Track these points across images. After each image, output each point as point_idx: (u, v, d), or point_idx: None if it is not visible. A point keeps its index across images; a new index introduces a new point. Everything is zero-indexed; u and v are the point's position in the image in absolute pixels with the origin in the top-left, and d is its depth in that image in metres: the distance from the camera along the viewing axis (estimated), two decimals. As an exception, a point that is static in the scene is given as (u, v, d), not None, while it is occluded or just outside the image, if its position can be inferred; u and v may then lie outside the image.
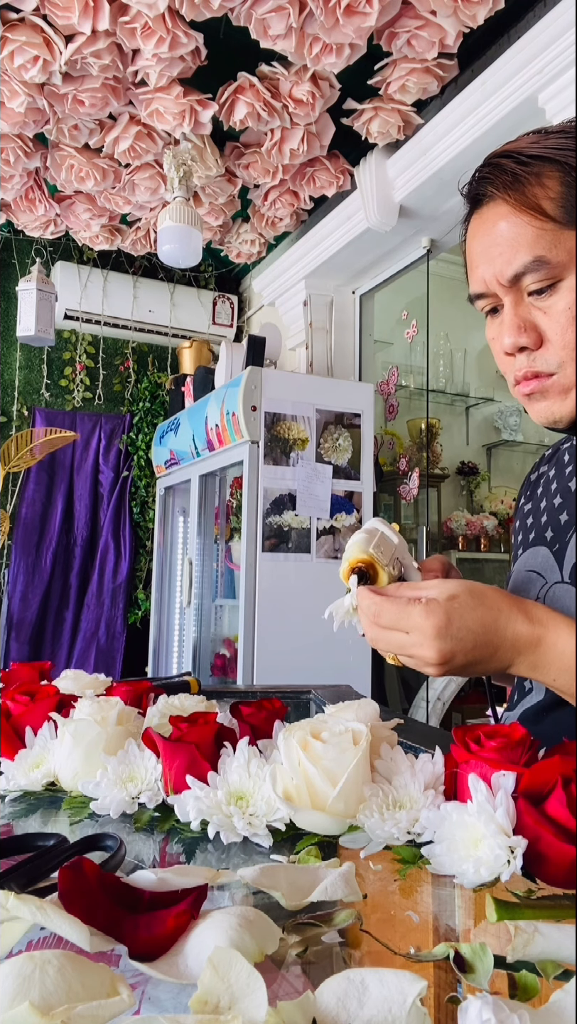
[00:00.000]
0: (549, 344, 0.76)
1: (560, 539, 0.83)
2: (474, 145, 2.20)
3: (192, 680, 1.03)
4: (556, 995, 0.32)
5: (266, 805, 0.56)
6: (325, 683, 1.29)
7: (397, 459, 3.37)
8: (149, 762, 0.63)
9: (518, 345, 0.77)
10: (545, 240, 0.73)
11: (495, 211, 0.76)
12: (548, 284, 0.74)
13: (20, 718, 0.73)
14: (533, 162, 0.74)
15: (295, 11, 1.88)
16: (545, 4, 1.92)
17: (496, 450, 4.19)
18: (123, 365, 3.87)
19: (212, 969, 0.31)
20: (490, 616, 0.65)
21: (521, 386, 0.79)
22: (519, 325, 0.76)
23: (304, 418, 2.70)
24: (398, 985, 0.30)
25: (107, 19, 1.92)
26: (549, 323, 0.75)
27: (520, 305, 0.77)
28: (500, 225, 0.76)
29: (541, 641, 0.65)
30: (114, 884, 0.40)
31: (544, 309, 0.75)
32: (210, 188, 2.81)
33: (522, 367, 0.78)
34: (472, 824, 0.47)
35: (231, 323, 3.97)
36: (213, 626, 3.20)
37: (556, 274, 0.74)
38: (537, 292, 0.75)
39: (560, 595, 0.80)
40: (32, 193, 2.92)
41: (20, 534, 3.57)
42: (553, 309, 0.75)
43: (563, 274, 0.74)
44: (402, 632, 0.66)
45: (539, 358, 0.77)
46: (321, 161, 2.64)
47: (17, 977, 0.30)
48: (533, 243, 0.73)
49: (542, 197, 0.73)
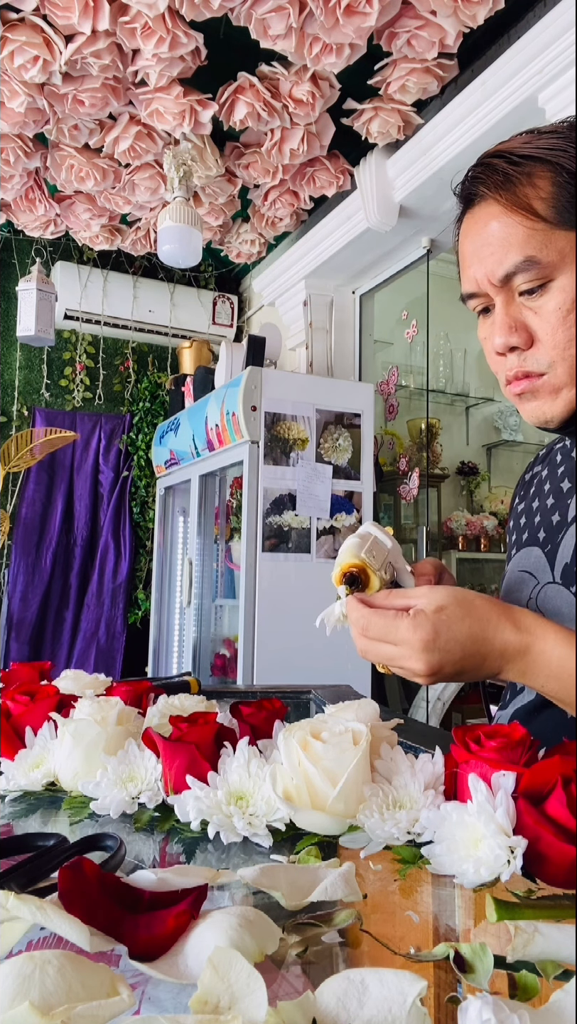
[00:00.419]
0: (540, 344, 0.76)
1: (552, 539, 0.83)
2: (474, 145, 2.20)
3: (192, 680, 1.03)
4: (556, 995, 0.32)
5: (266, 805, 0.56)
6: (325, 683, 1.29)
7: (397, 459, 3.37)
8: (149, 762, 0.63)
9: (509, 345, 0.77)
10: (536, 240, 0.73)
11: (486, 211, 0.77)
12: (539, 284, 0.74)
13: (20, 718, 0.73)
14: (525, 162, 0.74)
15: (295, 11, 1.88)
16: (545, 4, 1.92)
17: (496, 450, 4.19)
18: (123, 365, 3.87)
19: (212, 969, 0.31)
20: (478, 626, 0.66)
21: (512, 386, 0.80)
22: (510, 325, 0.76)
23: (304, 418, 2.70)
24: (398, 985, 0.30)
25: (107, 19, 1.92)
26: (540, 323, 0.75)
27: (511, 305, 0.77)
28: (491, 225, 0.76)
29: (529, 649, 0.66)
30: (114, 884, 0.40)
31: (535, 309, 0.75)
32: (210, 188, 2.81)
33: (513, 367, 0.78)
34: (472, 824, 0.47)
35: (231, 323, 3.97)
36: (213, 626, 3.20)
37: (547, 274, 0.74)
38: (528, 292, 0.75)
39: (552, 595, 0.80)
40: (32, 193, 2.92)
41: (20, 534, 3.57)
42: (544, 309, 0.75)
43: (554, 274, 0.74)
44: (390, 644, 0.67)
45: (530, 358, 0.77)
46: (321, 161, 2.64)
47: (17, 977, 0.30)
48: (524, 243, 0.74)
49: (533, 197, 0.73)
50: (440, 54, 2.07)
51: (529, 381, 0.78)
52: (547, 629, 0.66)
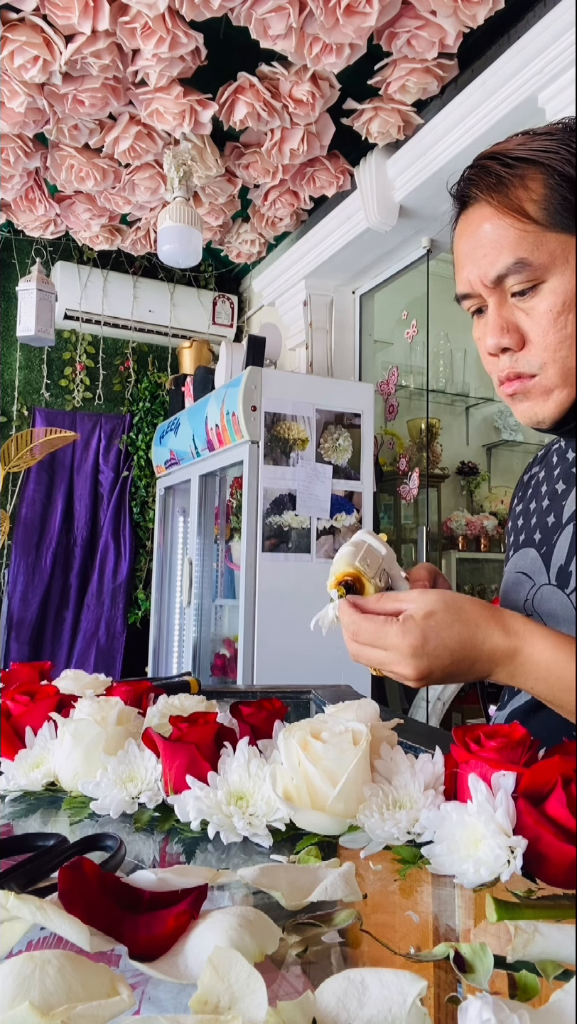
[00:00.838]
0: (531, 345, 0.76)
1: (548, 541, 0.84)
2: (474, 145, 2.20)
3: (192, 680, 1.03)
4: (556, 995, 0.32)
5: (266, 805, 0.56)
6: (325, 683, 1.29)
7: (397, 459, 3.37)
8: (149, 762, 0.63)
9: (500, 346, 0.77)
10: (527, 242, 0.74)
11: (479, 213, 0.77)
12: (530, 286, 0.75)
13: (20, 718, 0.73)
14: (518, 164, 0.75)
15: (295, 11, 1.88)
16: (545, 4, 1.92)
17: (496, 450, 4.19)
18: (123, 365, 3.87)
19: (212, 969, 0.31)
20: (467, 632, 0.67)
21: (504, 386, 0.80)
22: (502, 326, 0.77)
23: (304, 418, 2.70)
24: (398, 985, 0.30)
25: (107, 19, 1.92)
26: (531, 324, 0.76)
27: (503, 306, 0.77)
28: (484, 227, 0.76)
29: (518, 652, 0.67)
30: (114, 884, 0.40)
31: (527, 310, 0.76)
32: (210, 188, 2.81)
33: (505, 368, 0.78)
34: (472, 824, 0.47)
35: (231, 323, 3.97)
36: (213, 626, 3.20)
37: (538, 276, 0.74)
38: (520, 293, 0.76)
39: (547, 596, 0.81)
40: (32, 193, 2.92)
41: (20, 534, 3.57)
42: (535, 311, 0.75)
43: (545, 276, 0.74)
44: (380, 649, 0.68)
45: (521, 359, 0.77)
46: (321, 161, 2.64)
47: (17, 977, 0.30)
48: (515, 245, 0.74)
49: (525, 200, 0.74)
50: (440, 54, 2.07)
51: (521, 382, 0.78)
52: (535, 633, 0.67)
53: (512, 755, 0.52)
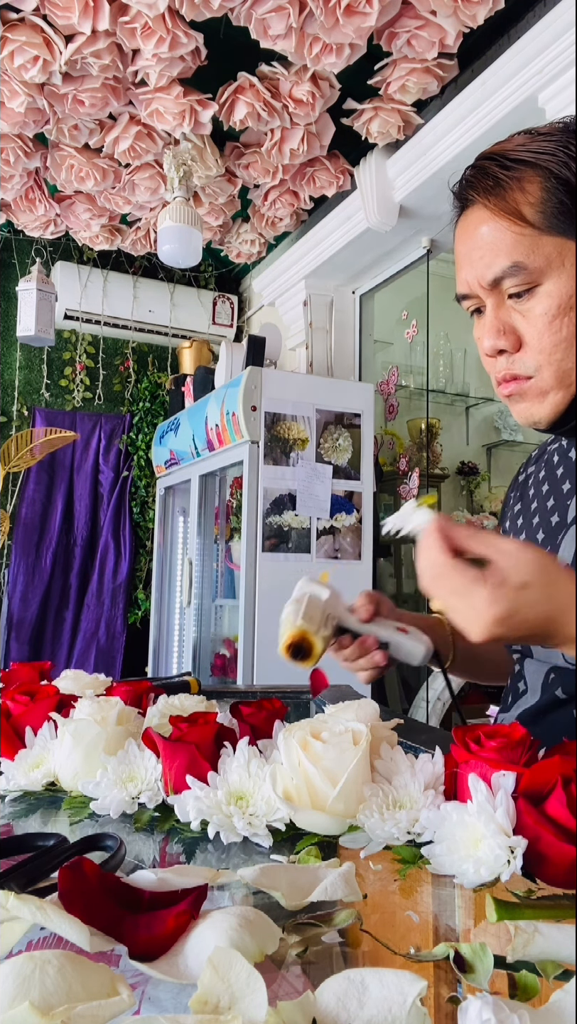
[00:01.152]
0: (527, 347, 0.77)
1: (551, 540, 0.84)
2: (474, 145, 2.20)
3: (192, 680, 1.04)
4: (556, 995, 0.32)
5: (266, 805, 0.56)
6: (325, 683, 1.29)
7: (397, 459, 3.37)
8: (149, 762, 0.63)
9: (497, 348, 0.78)
10: (523, 246, 0.74)
11: (477, 215, 0.78)
12: (527, 288, 0.75)
13: (20, 718, 0.73)
14: (516, 166, 0.75)
15: (295, 11, 1.88)
16: (545, 4, 1.92)
17: (496, 450, 4.19)
18: (123, 365, 3.87)
19: (212, 969, 0.31)
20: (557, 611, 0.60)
21: (502, 387, 0.81)
22: (498, 328, 0.77)
23: (304, 418, 2.69)
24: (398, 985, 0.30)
25: (107, 19, 1.92)
26: (527, 327, 0.76)
27: (500, 308, 0.77)
28: (481, 229, 0.77)
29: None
30: (114, 884, 0.40)
31: (523, 313, 0.76)
32: (210, 188, 2.81)
33: (502, 369, 0.79)
34: (472, 824, 0.47)
35: (231, 323, 3.97)
36: (213, 626, 3.20)
37: (534, 279, 0.74)
38: (516, 296, 0.76)
39: None
40: (32, 193, 2.92)
41: (20, 534, 3.57)
42: (531, 313, 0.75)
43: (541, 279, 0.74)
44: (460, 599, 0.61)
45: (518, 361, 0.78)
46: (321, 161, 2.64)
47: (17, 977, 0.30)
48: (512, 248, 0.74)
49: (522, 203, 0.74)
50: (440, 54, 2.07)
51: (517, 383, 0.79)
52: None
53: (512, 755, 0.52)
